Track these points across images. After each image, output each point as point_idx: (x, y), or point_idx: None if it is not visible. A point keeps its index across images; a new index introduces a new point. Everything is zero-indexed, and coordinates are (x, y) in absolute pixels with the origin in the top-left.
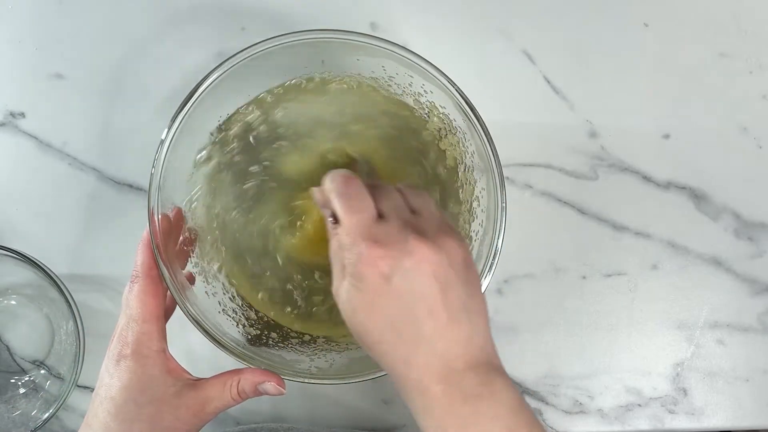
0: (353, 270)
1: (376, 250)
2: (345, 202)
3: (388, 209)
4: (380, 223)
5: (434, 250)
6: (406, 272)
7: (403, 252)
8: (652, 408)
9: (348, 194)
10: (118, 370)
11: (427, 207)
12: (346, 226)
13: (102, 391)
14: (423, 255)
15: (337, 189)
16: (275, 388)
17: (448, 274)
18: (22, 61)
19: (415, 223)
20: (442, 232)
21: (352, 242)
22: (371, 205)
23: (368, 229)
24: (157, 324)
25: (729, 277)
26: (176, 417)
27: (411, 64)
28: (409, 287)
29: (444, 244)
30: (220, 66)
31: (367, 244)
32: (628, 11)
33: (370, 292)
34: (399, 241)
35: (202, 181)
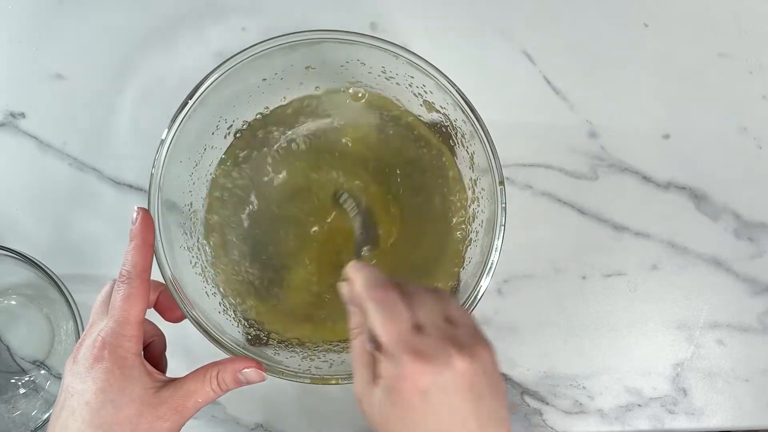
0: (391, 383)
1: (419, 365)
2: (381, 311)
3: (425, 319)
4: (420, 335)
5: (474, 362)
6: (446, 387)
7: (445, 365)
8: (652, 408)
9: (383, 302)
10: (93, 374)
11: (459, 313)
12: (384, 335)
13: (73, 401)
14: (463, 369)
15: (372, 296)
16: (257, 374)
17: (482, 384)
18: (22, 61)
19: (454, 335)
20: (475, 341)
21: (392, 355)
22: (408, 314)
23: (409, 342)
24: (139, 328)
25: (729, 277)
26: (157, 416)
27: (411, 64)
28: (447, 403)
29: (478, 354)
30: (220, 66)
31: (410, 358)
32: (628, 11)
33: (405, 407)
34: (440, 355)
35: (203, 182)
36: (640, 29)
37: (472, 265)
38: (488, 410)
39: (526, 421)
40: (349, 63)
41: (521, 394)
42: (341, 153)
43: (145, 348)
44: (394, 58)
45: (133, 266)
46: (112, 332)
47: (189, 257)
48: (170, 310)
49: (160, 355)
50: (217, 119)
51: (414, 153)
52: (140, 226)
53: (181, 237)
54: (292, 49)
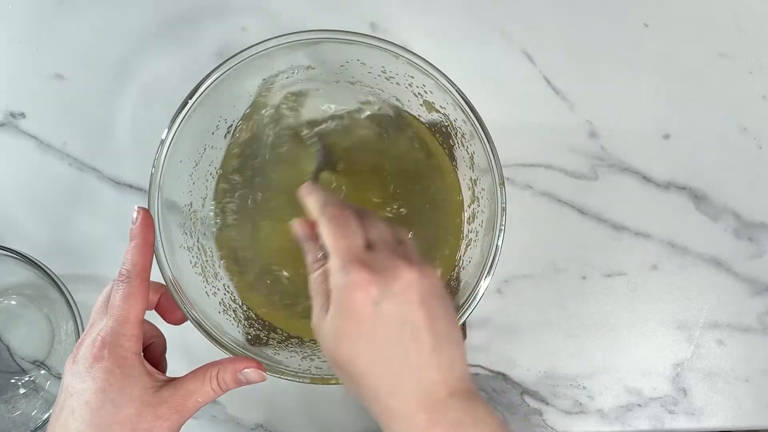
0: (340, 295)
1: (365, 274)
2: (335, 227)
3: (375, 238)
4: (370, 251)
5: (422, 276)
6: (395, 296)
7: (393, 277)
8: (652, 408)
9: (337, 221)
10: (92, 373)
11: (408, 239)
12: (335, 250)
13: (72, 401)
14: (411, 280)
15: (327, 213)
16: (257, 374)
17: (432, 301)
18: (22, 61)
19: (403, 251)
20: (423, 261)
21: (341, 266)
22: (361, 233)
23: (358, 255)
24: (139, 328)
25: (729, 277)
26: (157, 415)
27: (411, 64)
28: (397, 312)
29: (427, 271)
30: (220, 66)
31: (357, 267)
32: (628, 11)
33: (357, 319)
34: (389, 266)
35: (203, 182)
36: (640, 29)
37: (472, 265)
38: (442, 329)
39: (526, 421)
40: (349, 63)
41: (521, 394)
42: (342, 152)
43: (145, 349)
44: (394, 58)
45: (133, 265)
46: (112, 331)
47: (189, 257)
48: (171, 312)
49: (160, 356)
50: (217, 119)
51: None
52: (140, 225)
53: (181, 237)
54: (292, 49)
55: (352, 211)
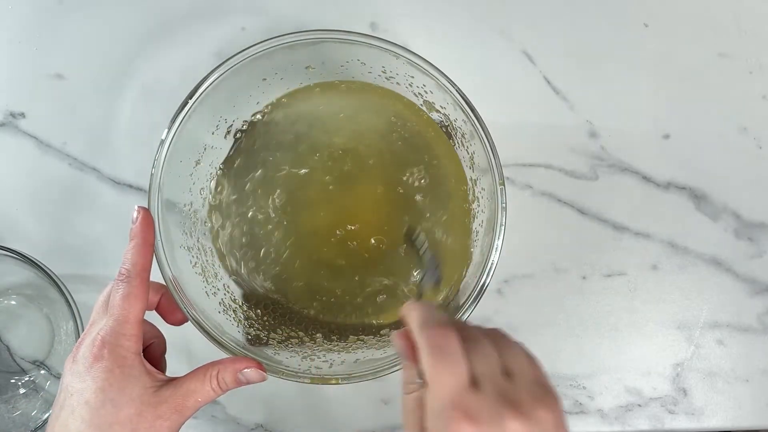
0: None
1: (467, 426)
2: (439, 360)
3: (482, 373)
4: (474, 392)
5: (528, 426)
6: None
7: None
8: (652, 408)
9: (442, 350)
10: (92, 373)
11: (522, 364)
12: (435, 386)
13: (72, 401)
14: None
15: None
16: (257, 374)
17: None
18: (22, 61)
19: (511, 393)
20: (537, 401)
21: (440, 411)
22: (465, 367)
23: (461, 399)
24: (139, 328)
25: (729, 277)
26: (157, 415)
27: (411, 64)
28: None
29: (538, 416)
30: (220, 66)
31: (458, 416)
32: (628, 11)
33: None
34: (493, 417)
35: (204, 181)
36: (640, 29)
37: (472, 265)
38: None
39: None
40: (349, 63)
41: None
42: (341, 151)
43: (144, 350)
44: (394, 58)
45: (133, 265)
46: (112, 331)
47: (189, 257)
48: (172, 313)
49: (160, 356)
50: (217, 119)
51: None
52: (141, 225)
53: (181, 237)
54: (292, 49)
55: (456, 335)
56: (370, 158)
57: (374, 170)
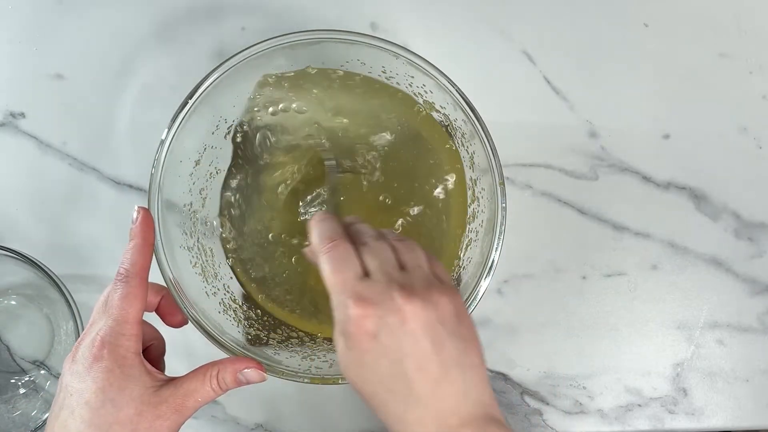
0: (342, 328)
1: (360, 308)
2: (330, 263)
3: (374, 266)
4: (365, 281)
5: (421, 306)
6: (393, 329)
7: (389, 309)
8: (652, 408)
9: (332, 255)
10: (92, 373)
11: (416, 261)
12: (331, 287)
13: (72, 400)
14: (409, 311)
15: (322, 248)
16: (257, 374)
17: (437, 329)
18: (22, 61)
19: (402, 280)
20: (432, 287)
21: (338, 301)
22: (356, 263)
23: (353, 288)
24: (138, 327)
25: (729, 277)
26: (157, 415)
27: (411, 64)
28: (397, 345)
29: (433, 299)
30: (220, 66)
31: (353, 302)
32: (628, 11)
33: (358, 349)
34: (384, 299)
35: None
36: (640, 29)
37: (472, 265)
38: (450, 357)
39: (526, 421)
40: (349, 63)
41: (521, 394)
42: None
43: (143, 351)
44: (394, 58)
45: (132, 264)
46: (111, 331)
47: (189, 257)
48: (171, 315)
49: (159, 358)
50: (217, 119)
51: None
52: (141, 224)
53: (181, 237)
54: (292, 48)
55: (345, 242)
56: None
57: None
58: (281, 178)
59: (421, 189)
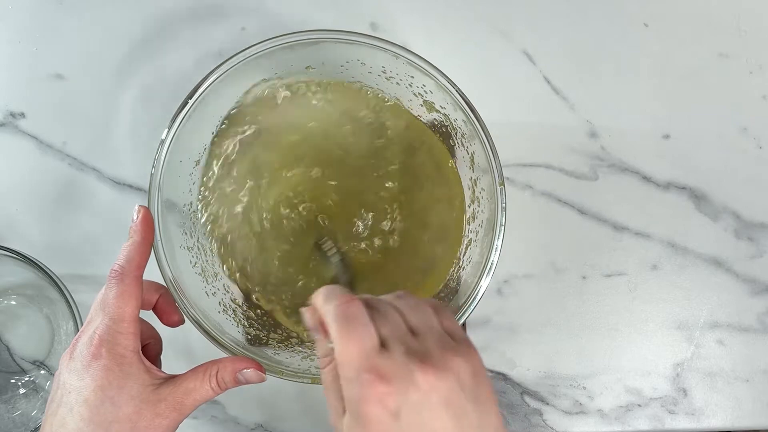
0: (355, 408)
1: (380, 386)
2: (344, 328)
3: (388, 334)
4: (382, 353)
5: (441, 377)
6: (415, 407)
7: (410, 385)
8: (652, 408)
9: (346, 318)
10: (91, 371)
11: (426, 322)
12: (345, 358)
13: (71, 398)
14: (430, 385)
15: (334, 311)
16: (256, 374)
17: (459, 398)
18: (22, 61)
19: (420, 349)
20: (447, 351)
21: (353, 377)
22: (373, 332)
23: (370, 362)
24: (135, 325)
25: (729, 277)
26: (156, 413)
27: (411, 64)
28: (420, 421)
29: (449, 365)
30: (220, 66)
31: (370, 378)
32: (628, 11)
33: (375, 430)
34: (404, 373)
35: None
36: (640, 29)
37: (472, 265)
38: (474, 421)
39: (526, 421)
40: (349, 63)
41: (521, 394)
42: (340, 150)
43: (141, 350)
44: (394, 58)
45: (128, 261)
46: (108, 329)
47: (189, 257)
48: (168, 314)
49: (156, 357)
50: (217, 119)
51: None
52: (141, 223)
53: (181, 237)
54: (291, 49)
55: (359, 302)
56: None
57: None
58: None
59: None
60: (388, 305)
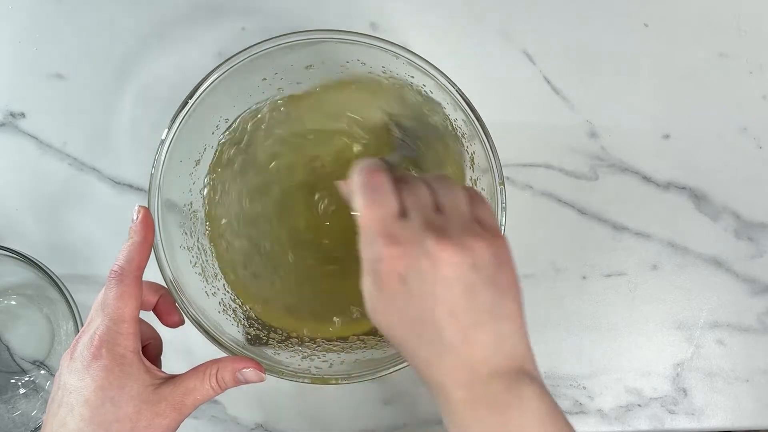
0: (372, 267)
1: (392, 249)
2: (367, 195)
3: (411, 206)
4: (400, 220)
5: (455, 251)
6: (423, 274)
7: (421, 253)
8: (652, 408)
9: (370, 187)
10: (91, 372)
11: (456, 204)
12: (365, 221)
13: (71, 398)
14: (442, 256)
15: (360, 181)
16: (256, 374)
17: (471, 276)
18: (22, 61)
19: (438, 223)
20: (468, 231)
21: (370, 239)
22: (393, 201)
23: (386, 226)
24: (135, 326)
25: (729, 277)
26: (156, 413)
27: (411, 64)
28: (429, 289)
29: (467, 244)
30: (220, 66)
31: (384, 241)
32: (628, 11)
33: (387, 291)
34: (417, 241)
35: (203, 181)
36: (640, 29)
37: None
38: (484, 305)
39: None
40: (349, 63)
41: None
42: (340, 151)
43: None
44: (394, 58)
45: (128, 262)
46: (108, 330)
47: (189, 257)
48: (168, 315)
49: (155, 358)
50: (217, 119)
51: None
52: (141, 223)
53: (181, 237)
54: (291, 49)
55: (386, 174)
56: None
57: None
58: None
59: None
60: (420, 181)
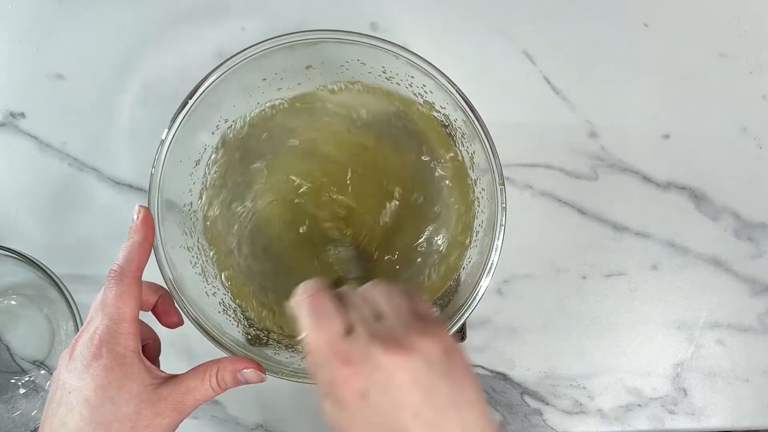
0: (328, 390)
1: (346, 369)
2: (312, 317)
3: (355, 321)
4: (347, 339)
5: (405, 355)
6: (381, 386)
7: (374, 366)
8: (652, 408)
9: (314, 309)
10: (91, 371)
11: (395, 307)
12: (314, 344)
13: (71, 398)
14: (395, 365)
15: (303, 303)
16: (256, 375)
17: (427, 374)
18: (22, 61)
19: (384, 332)
20: (413, 331)
21: (322, 362)
22: (338, 320)
23: (335, 347)
24: (135, 326)
25: (729, 277)
26: (156, 413)
27: (411, 64)
28: (389, 399)
29: (415, 345)
30: (220, 66)
31: (337, 363)
32: (628, 11)
33: (349, 409)
34: (366, 356)
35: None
36: (640, 29)
37: (472, 265)
38: (445, 399)
39: (526, 421)
40: (349, 63)
41: (521, 394)
42: (339, 152)
43: None
44: (394, 58)
45: (128, 261)
46: (108, 330)
47: (189, 257)
48: (167, 315)
49: (154, 358)
50: (217, 119)
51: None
52: (141, 223)
53: (181, 237)
54: (292, 49)
55: (326, 294)
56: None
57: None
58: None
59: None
60: (358, 294)
